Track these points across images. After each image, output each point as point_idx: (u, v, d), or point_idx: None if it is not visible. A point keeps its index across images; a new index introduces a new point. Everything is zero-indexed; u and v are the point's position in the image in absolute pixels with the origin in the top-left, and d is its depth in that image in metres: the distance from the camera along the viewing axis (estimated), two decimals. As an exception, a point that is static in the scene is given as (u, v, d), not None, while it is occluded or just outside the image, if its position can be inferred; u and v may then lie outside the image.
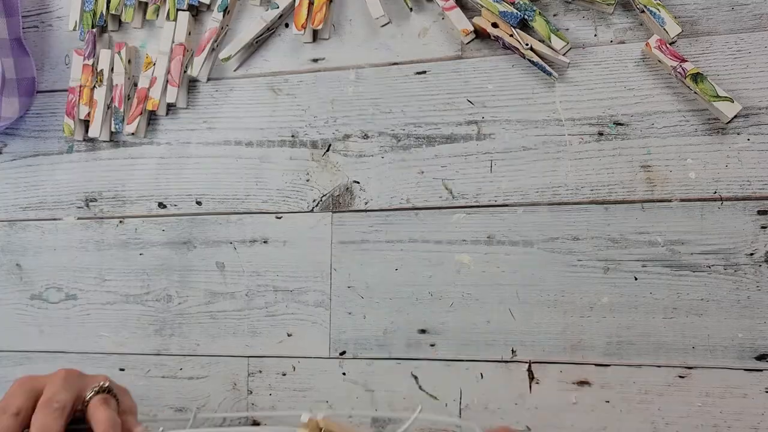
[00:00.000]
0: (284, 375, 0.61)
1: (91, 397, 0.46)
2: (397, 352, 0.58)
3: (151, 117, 0.66)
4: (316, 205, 0.61)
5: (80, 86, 0.65)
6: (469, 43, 0.59)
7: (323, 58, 0.62)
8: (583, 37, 0.57)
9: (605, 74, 0.56)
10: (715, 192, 0.53)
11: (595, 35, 0.56)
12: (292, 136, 0.62)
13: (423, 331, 0.58)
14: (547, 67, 0.56)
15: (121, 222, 0.66)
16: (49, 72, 0.69)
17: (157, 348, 0.63)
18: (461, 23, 0.57)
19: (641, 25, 0.56)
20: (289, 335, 0.61)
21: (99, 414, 0.45)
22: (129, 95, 0.65)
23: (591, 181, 0.56)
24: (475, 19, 0.57)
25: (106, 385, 0.47)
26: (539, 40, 0.56)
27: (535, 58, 0.56)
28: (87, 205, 0.67)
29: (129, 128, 0.64)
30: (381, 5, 0.59)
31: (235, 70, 0.64)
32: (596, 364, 0.54)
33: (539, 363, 0.56)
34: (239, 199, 0.63)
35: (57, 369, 0.48)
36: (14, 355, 0.68)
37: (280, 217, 0.62)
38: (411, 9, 0.60)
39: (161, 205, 0.65)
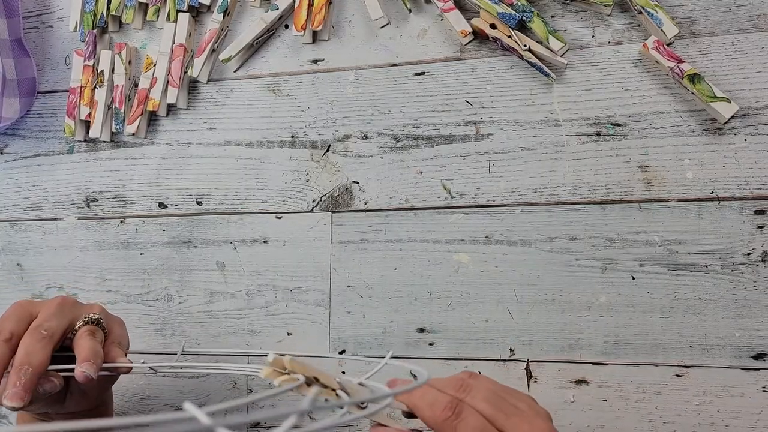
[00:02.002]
0: (284, 374, 0.61)
1: (79, 327, 0.47)
2: (396, 351, 0.59)
3: (152, 118, 0.66)
4: (316, 205, 0.62)
5: (81, 87, 0.66)
6: (467, 44, 0.59)
7: (323, 59, 0.62)
8: (581, 38, 0.57)
9: (603, 75, 0.56)
10: (712, 192, 0.54)
11: (593, 36, 0.57)
12: (292, 136, 0.63)
13: (422, 330, 0.58)
14: (545, 68, 0.56)
15: (121, 222, 0.66)
16: (50, 73, 0.69)
17: (158, 347, 0.63)
18: (460, 24, 0.58)
19: (639, 26, 0.56)
20: (288, 334, 0.61)
21: (82, 343, 0.46)
22: (129, 96, 0.66)
23: (589, 181, 0.56)
24: (474, 21, 0.57)
25: (96, 316, 0.48)
26: (537, 42, 0.56)
27: (533, 59, 0.56)
28: (88, 205, 0.67)
29: (129, 129, 0.64)
30: (380, 6, 0.59)
31: (235, 71, 0.64)
32: (594, 363, 0.55)
33: (537, 362, 0.56)
34: (239, 199, 0.63)
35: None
36: (15, 354, 0.68)
37: (280, 217, 0.62)
38: (410, 10, 0.60)
39: (162, 205, 0.65)
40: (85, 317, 0.48)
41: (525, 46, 0.56)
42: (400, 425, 0.40)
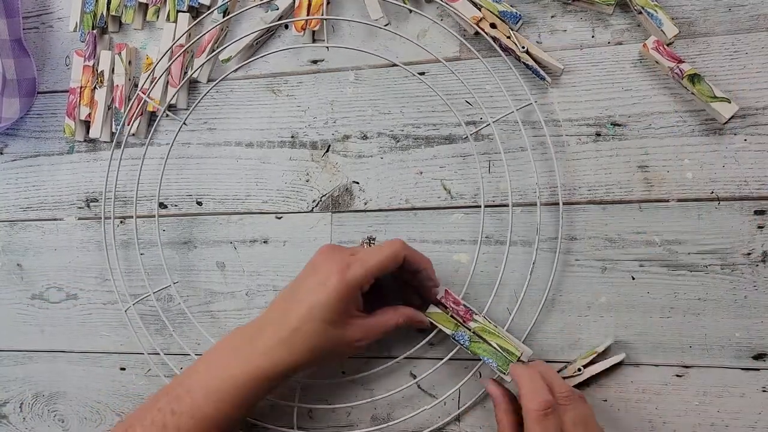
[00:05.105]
0: (284, 374, 0.61)
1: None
2: (395, 351, 0.59)
3: (152, 118, 0.66)
4: (316, 206, 0.62)
5: (81, 87, 0.66)
6: (474, 34, 0.59)
7: (323, 60, 0.62)
8: (581, 38, 0.57)
9: (603, 75, 0.56)
10: (712, 192, 0.54)
11: (593, 36, 0.57)
12: (292, 136, 0.63)
13: (422, 330, 0.58)
14: (541, 72, 0.56)
15: (122, 222, 0.66)
16: (50, 73, 0.69)
17: (158, 347, 0.63)
18: (468, 11, 0.57)
19: (639, 26, 0.56)
20: (288, 335, 0.61)
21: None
22: (129, 96, 0.66)
23: (589, 181, 0.56)
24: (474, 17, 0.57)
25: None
26: (536, 43, 0.56)
27: (530, 62, 0.56)
28: (88, 206, 0.67)
29: (129, 129, 0.64)
30: (380, 6, 0.59)
31: (235, 72, 0.64)
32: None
33: (537, 362, 0.56)
34: (239, 199, 0.63)
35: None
36: (15, 354, 0.68)
37: (280, 218, 0.62)
38: (410, 10, 0.60)
39: (162, 206, 0.65)
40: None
41: (523, 47, 0.56)
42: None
